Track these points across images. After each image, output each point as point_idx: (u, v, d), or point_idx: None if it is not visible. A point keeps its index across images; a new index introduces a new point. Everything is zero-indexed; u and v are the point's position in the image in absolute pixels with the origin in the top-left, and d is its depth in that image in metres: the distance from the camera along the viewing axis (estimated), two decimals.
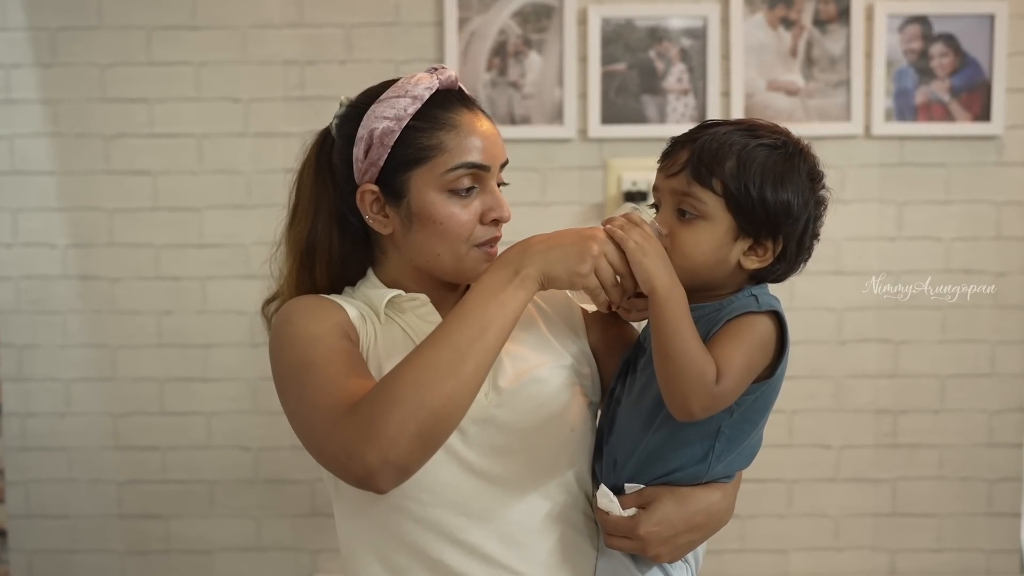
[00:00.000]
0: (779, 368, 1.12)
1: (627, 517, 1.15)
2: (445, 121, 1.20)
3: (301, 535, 2.47)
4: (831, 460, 2.44)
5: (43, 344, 2.44)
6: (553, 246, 1.10)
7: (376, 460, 1.02)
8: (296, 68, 2.39)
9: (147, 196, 2.42)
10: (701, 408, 1.08)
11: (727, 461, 1.17)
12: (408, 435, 1.02)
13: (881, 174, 2.40)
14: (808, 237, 1.14)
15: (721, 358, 1.07)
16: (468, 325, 1.06)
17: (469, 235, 1.21)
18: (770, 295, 1.15)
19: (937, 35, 2.36)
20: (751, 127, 1.14)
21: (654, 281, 1.07)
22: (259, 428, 2.45)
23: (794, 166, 1.11)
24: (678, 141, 1.15)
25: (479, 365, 1.06)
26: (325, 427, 1.07)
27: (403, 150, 1.20)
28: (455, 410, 1.05)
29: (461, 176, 1.20)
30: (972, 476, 2.45)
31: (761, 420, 1.17)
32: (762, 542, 2.45)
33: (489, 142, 1.22)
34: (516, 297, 1.09)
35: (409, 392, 1.03)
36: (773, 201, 1.10)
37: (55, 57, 2.39)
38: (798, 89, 2.37)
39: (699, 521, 1.16)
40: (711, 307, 1.14)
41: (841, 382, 2.43)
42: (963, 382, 2.43)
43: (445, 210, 1.20)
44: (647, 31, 2.37)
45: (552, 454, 1.21)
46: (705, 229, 1.11)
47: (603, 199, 2.38)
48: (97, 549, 2.48)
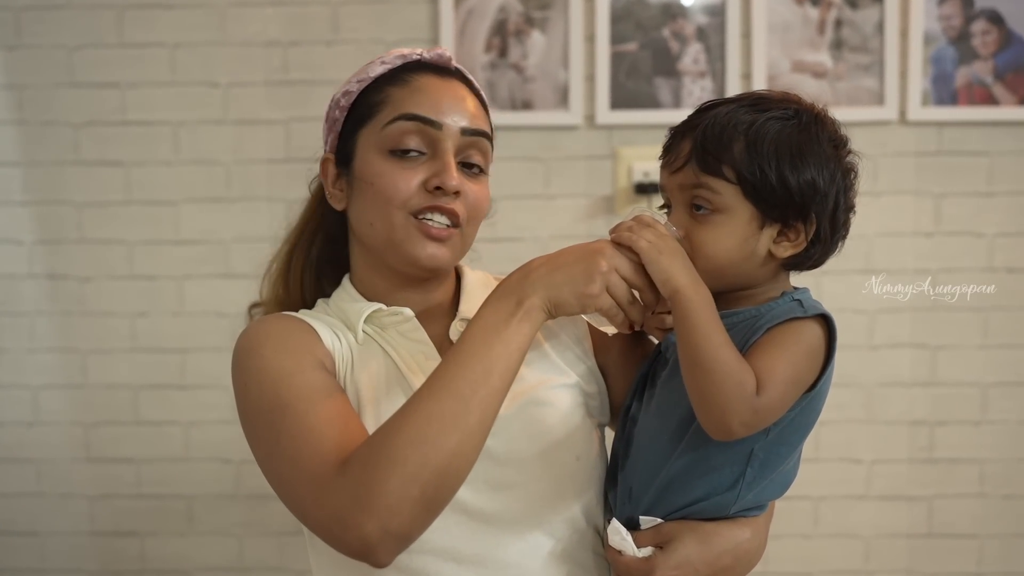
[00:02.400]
0: (822, 380, 1.00)
1: (642, 558, 1.03)
2: (401, 78, 1.11)
3: (286, 554, 2.34)
4: (861, 476, 2.29)
5: (8, 348, 2.33)
6: (556, 268, 0.98)
7: (375, 532, 0.90)
8: (279, 49, 2.26)
9: (119, 189, 2.29)
10: (741, 424, 0.96)
11: (758, 489, 1.05)
12: (411, 501, 0.91)
13: (917, 164, 2.24)
14: (841, 212, 1.03)
15: (763, 367, 0.96)
16: (470, 369, 0.95)
17: (404, 201, 1.08)
18: (813, 299, 1.03)
19: (979, 11, 2.20)
20: (756, 100, 1.03)
21: (675, 280, 0.97)
22: (241, 439, 2.25)
23: (812, 136, 1.01)
24: (677, 131, 1.05)
25: (485, 414, 0.95)
26: (311, 492, 0.95)
27: (355, 111, 1.12)
28: (462, 467, 0.94)
29: (404, 132, 1.08)
30: (1016, 493, 2.29)
31: (799, 442, 1.06)
32: (786, 564, 2.31)
33: (448, 102, 1.10)
34: (520, 332, 0.98)
35: (410, 451, 0.91)
36: (795, 180, 0.99)
37: (19, 39, 2.27)
38: (826, 71, 2.21)
39: (725, 563, 1.03)
40: (747, 313, 1.03)
41: (872, 391, 2.28)
42: (1006, 391, 2.27)
43: (379, 168, 1.08)
44: (660, 8, 2.21)
45: (555, 486, 1.09)
46: (725, 223, 1.01)
47: (612, 191, 2.23)
48: (68, 568, 2.36)
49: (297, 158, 2.25)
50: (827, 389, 1.03)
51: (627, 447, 1.10)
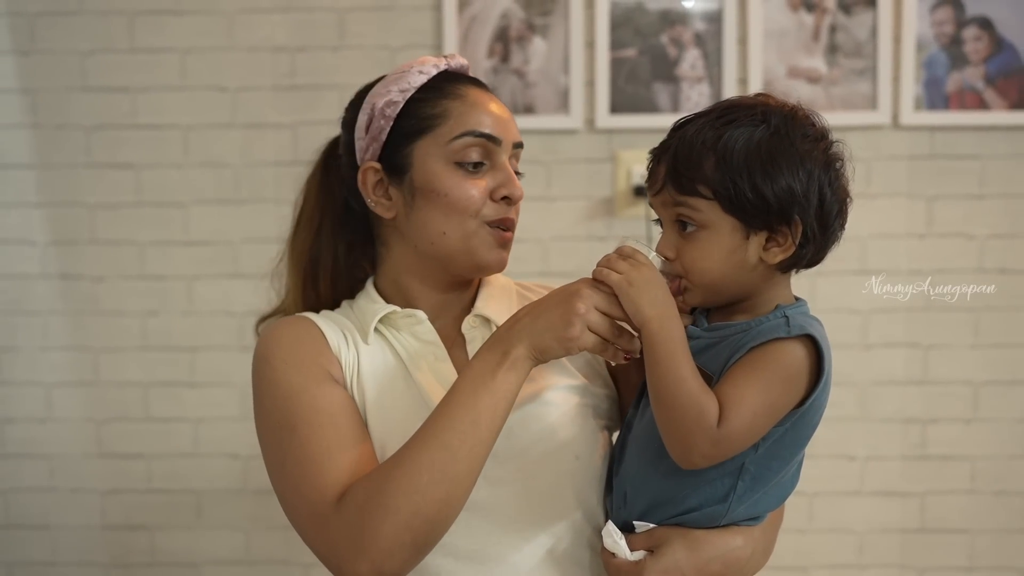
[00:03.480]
0: (813, 397, 0.99)
1: (632, 561, 1.05)
2: (452, 91, 1.14)
3: (293, 548, 2.35)
4: (855, 472, 2.32)
5: (22, 347, 2.35)
6: (538, 316, 1.01)
7: (368, 572, 0.97)
8: (286, 55, 2.29)
9: (130, 190, 2.32)
10: (701, 456, 0.96)
11: (751, 502, 1.05)
12: (403, 546, 0.97)
13: (910, 167, 2.26)
14: (829, 205, 1.01)
15: (729, 397, 0.95)
16: (459, 420, 1.00)
17: (478, 210, 1.12)
18: (807, 315, 1.02)
19: (971, 18, 2.23)
20: (725, 111, 1.02)
21: (641, 313, 0.98)
22: (249, 435, 2.30)
23: (783, 138, 0.99)
24: (655, 154, 1.05)
25: (473, 463, 0.99)
26: (311, 524, 1.02)
27: (406, 122, 1.13)
28: (451, 512, 0.99)
29: (468, 146, 1.12)
30: (1007, 490, 2.32)
31: (792, 457, 1.05)
32: (782, 559, 2.30)
33: (500, 118, 1.14)
34: (508, 381, 1.01)
35: (402, 501, 0.96)
36: (770, 189, 0.98)
37: (33, 44, 2.30)
38: (821, 76, 2.24)
39: (714, 570, 1.04)
40: (739, 327, 1.02)
41: (866, 389, 2.30)
42: (998, 389, 2.30)
43: (451, 181, 1.12)
44: (659, 14, 2.24)
45: (555, 485, 1.11)
46: (710, 238, 1.01)
47: (612, 193, 2.26)
48: (79, 561, 2.39)
49: (304, 161, 2.25)
50: (822, 403, 1.02)
51: (622, 453, 1.11)
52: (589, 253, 2.25)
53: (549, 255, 2.28)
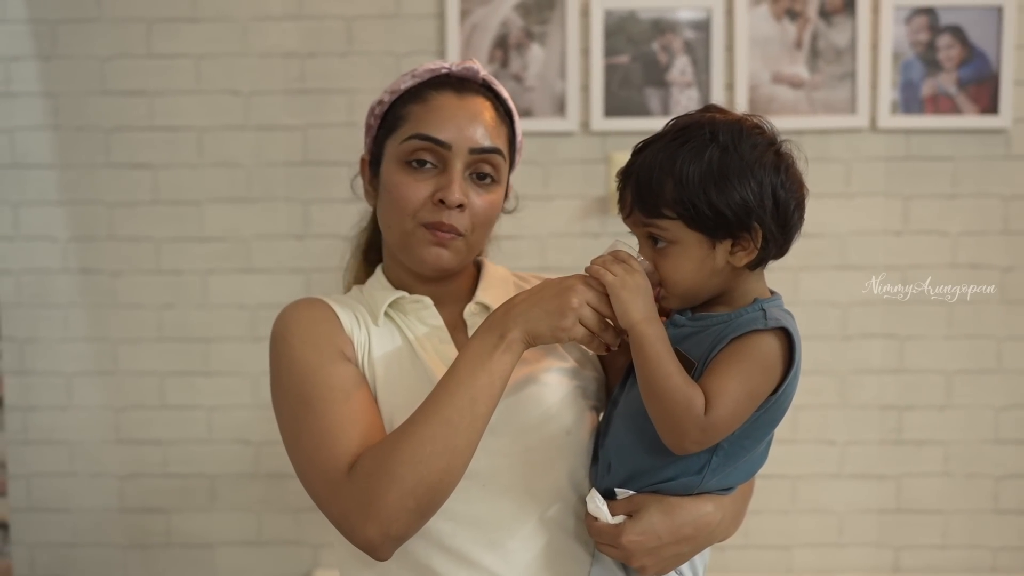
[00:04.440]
0: (784, 386, 1.08)
1: (612, 524, 1.13)
2: (423, 96, 1.21)
3: (302, 529, 2.46)
4: (835, 456, 2.42)
5: (44, 338, 2.44)
6: (534, 304, 1.10)
7: (376, 535, 1.06)
8: (296, 60, 2.38)
9: (147, 189, 2.41)
10: (692, 442, 1.06)
11: (723, 475, 1.14)
12: (407, 511, 1.06)
13: (887, 168, 2.37)
14: (785, 204, 1.09)
15: (714, 387, 1.05)
16: (459, 397, 1.08)
17: (415, 211, 1.19)
18: (781, 309, 1.11)
19: (944, 27, 2.33)
20: (678, 133, 1.09)
21: (629, 316, 1.06)
22: (260, 422, 2.44)
23: (731, 154, 1.06)
24: (620, 178, 1.13)
25: (471, 436, 1.08)
26: (323, 490, 1.11)
27: (385, 121, 1.23)
28: (450, 480, 1.08)
29: (417, 148, 1.19)
30: (978, 473, 2.42)
31: (763, 437, 1.14)
32: (766, 538, 2.44)
33: (461, 122, 1.19)
34: (503, 362, 1.09)
35: (407, 470, 1.05)
36: (725, 203, 1.06)
37: (55, 50, 2.38)
38: (803, 81, 2.35)
39: (686, 533, 1.13)
40: (720, 318, 1.11)
41: (846, 378, 2.41)
42: (969, 378, 2.41)
43: (397, 178, 1.20)
44: (650, 23, 2.35)
45: (546, 457, 1.20)
46: (680, 252, 1.09)
47: (605, 192, 2.37)
48: (98, 543, 2.48)
49: (313, 161, 2.38)
50: (793, 389, 1.10)
51: (607, 427, 1.19)
52: (584, 249, 2.35)
53: (546, 251, 2.39)
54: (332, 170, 2.35)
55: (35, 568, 2.48)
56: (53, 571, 2.48)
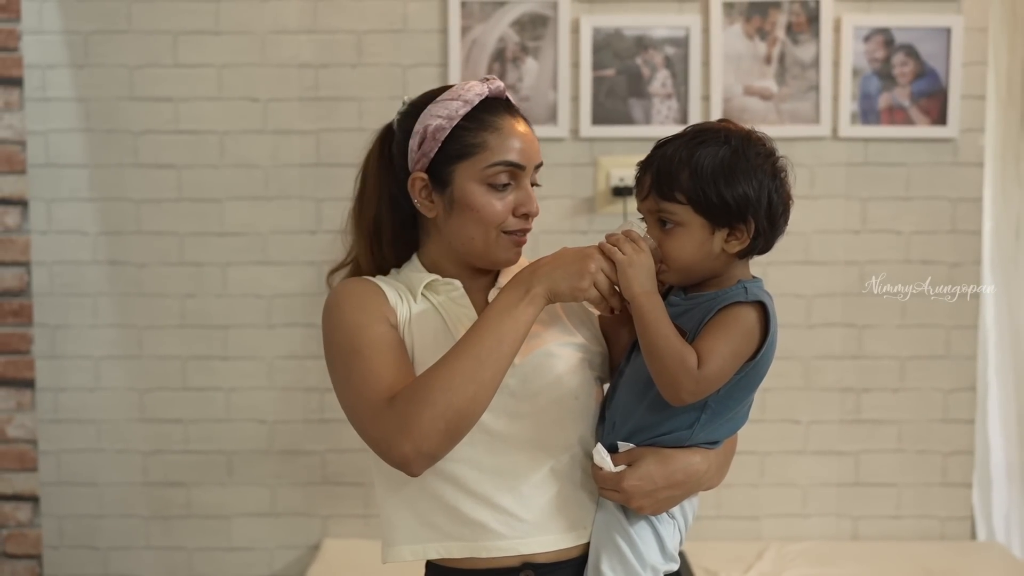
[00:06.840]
0: (761, 352, 1.25)
1: (615, 472, 1.29)
2: (490, 124, 1.35)
3: (312, 502, 2.62)
4: (800, 434, 2.61)
5: (75, 324, 2.59)
6: (557, 267, 1.27)
7: (411, 451, 1.23)
8: (311, 71, 2.54)
9: (172, 188, 2.57)
10: (688, 393, 1.22)
11: (710, 430, 1.30)
12: (438, 431, 1.22)
13: (847, 172, 2.57)
14: (776, 207, 1.25)
15: (705, 347, 1.21)
16: (487, 338, 1.24)
17: (501, 223, 1.36)
18: (761, 289, 1.28)
19: (899, 45, 2.54)
20: (696, 134, 1.27)
21: (632, 289, 1.23)
22: (274, 403, 2.61)
23: (741, 155, 1.24)
24: (641, 167, 1.29)
25: (496, 371, 1.25)
26: (368, 416, 1.28)
27: (451, 146, 1.35)
28: (477, 408, 1.25)
29: (499, 172, 1.34)
30: (928, 449, 2.61)
31: (745, 397, 1.31)
32: (737, 509, 2.62)
33: (526, 145, 1.36)
34: (527, 312, 1.26)
35: (439, 395, 1.22)
36: (731, 195, 1.23)
37: (88, 59, 2.54)
38: (772, 94, 2.55)
39: (678, 479, 1.29)
40: (709, 296, 1.27)
41: (809, 363, 2.59)
42: (920, 363, 2.60)
43: (483, 200, 1.35)
44: (634, 40, 2.55)
45: (557, 418, 1.36)
46: (684, 234, 1.26)
47: (593, 193, 2.56)
48: (123, 514, 2.63)
49: (326, 163, 2.56)
50: (770, 357, 1.25)
51: (614, 392, 1.36)
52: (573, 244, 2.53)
53: (538, 246, 2.52)
54: (343, 171, 2.47)
55: (64, 538, 2.64)
56: (81, 541, 2.64)
